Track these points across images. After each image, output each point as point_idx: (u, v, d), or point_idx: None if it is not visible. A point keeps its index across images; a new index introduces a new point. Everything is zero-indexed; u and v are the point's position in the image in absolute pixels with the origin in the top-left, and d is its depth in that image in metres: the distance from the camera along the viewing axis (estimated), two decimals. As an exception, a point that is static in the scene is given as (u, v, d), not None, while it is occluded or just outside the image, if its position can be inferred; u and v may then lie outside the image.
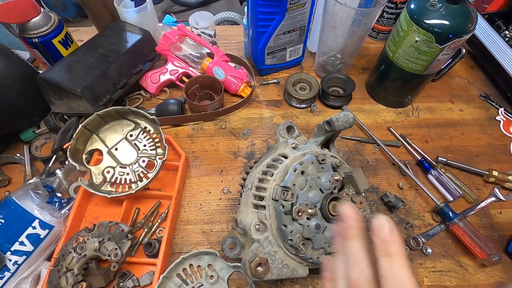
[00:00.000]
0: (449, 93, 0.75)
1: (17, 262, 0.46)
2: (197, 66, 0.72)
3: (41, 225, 0.48)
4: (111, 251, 0.45)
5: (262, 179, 0.42)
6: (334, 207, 0.39)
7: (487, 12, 0.80)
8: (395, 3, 0.75)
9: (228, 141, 0.65)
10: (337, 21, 0.61)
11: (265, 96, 0.73)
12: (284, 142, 0.47)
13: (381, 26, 0.82)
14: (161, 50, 0.70)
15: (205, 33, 0.75)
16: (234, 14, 1.81)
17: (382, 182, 0.60)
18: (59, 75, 0.57)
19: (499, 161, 0.64)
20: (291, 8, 0.61)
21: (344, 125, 0.43)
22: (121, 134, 0.57)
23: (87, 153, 0.56)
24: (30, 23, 0.59)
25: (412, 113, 0.71)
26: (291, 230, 0.37)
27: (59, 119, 0.62)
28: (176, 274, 0.48)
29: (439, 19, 0.51)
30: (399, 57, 0.60)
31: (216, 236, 0.53)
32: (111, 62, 0.61)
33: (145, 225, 0.53)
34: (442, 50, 0.54)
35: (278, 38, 0.66)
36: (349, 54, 0.70)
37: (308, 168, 0.40)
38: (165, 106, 0.65)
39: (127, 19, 0.69)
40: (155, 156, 0.55)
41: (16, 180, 0.58)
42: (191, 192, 0.58)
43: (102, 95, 0.60)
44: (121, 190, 0.53)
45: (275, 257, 0.39)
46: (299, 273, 0.40)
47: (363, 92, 0.74)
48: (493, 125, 0.70)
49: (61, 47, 0.64)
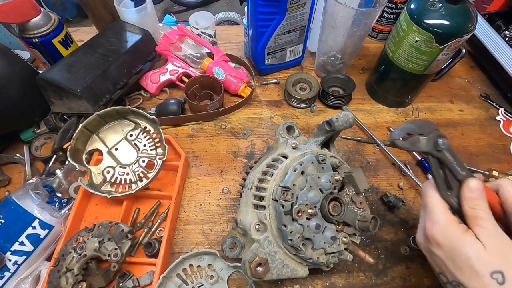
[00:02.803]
0: (449, 93, 0.75)
1: (17, 262, 0.46)
2: (197, 66, 0.72)
3: (41, 225, 0.48)
4: (111, 251, 0.45)
5: (262, 179, 0.42)
6: (334, 207, 0.39)
7: (487, 12, 0.80)
8: (395, 3, 0.75)
9: (228, 141, 0.65)
10: (337, 21, 0.61)
11: (265, 96, 0.73)
12: (284, 142, 0.47)
13: (381, 26, 0.82)
14: (161, 50, 0.70)
15: (205, 33, 0.75)
16: (234, 14, 1.81)
17: (382, 182, 0.60)
18: (59, 75, 0.57)
19: (499, 161, 0.64)
20: (291, 8, 0.61)
21: (344, 125, 0.43)
22: (121, 134, 0.57)
23: (87, 153, 0.56)
24: (30, 23, 0.59)
25: (412, 113, 0.71)
26: (291, 230, 0.37)
27: (59, 119, 0.62)
28: (176, 274, 0.48)
29: (439, 19, 0.51)
30: (399, 57, 0.60)
31: (216, 236, 0.53)
32: (111, 62, 0.61)
33: (145, 225, 0.53)
34: (442, 50, 0.54)
35: (278, 38, 0.66)
36: (349, 54, 0.70)
37: (308, 168, 0.40)
38: (165, 106, 0.65)
39: (127, 19, 0.69)
40: (155, 156, 0.56)
41: (16, 180, 0.58)
42: (191, 192, 0.58)
43: (102, 95, 0.60)
44: (121, 190, 0.53)
45: (275, 257, 0.39)
46: (299, 273, 0.40)
47: (363, 92, 0.74)
48: (493, 125, 0.70)
49: (61, 47, 0.64)
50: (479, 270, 0.30)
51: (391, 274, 0.50)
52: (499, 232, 0.32)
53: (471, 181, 0.34)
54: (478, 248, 0.31)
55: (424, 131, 0.35)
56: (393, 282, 0.50)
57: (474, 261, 0.31)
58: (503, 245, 0.31)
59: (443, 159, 0.35)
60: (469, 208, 0.34)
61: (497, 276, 0.30)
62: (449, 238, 0.33)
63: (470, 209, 0.34)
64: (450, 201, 0.35)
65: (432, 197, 0.36)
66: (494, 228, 0.32)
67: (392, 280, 0.50)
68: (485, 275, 0.30)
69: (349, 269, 0.51)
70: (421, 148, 0.35)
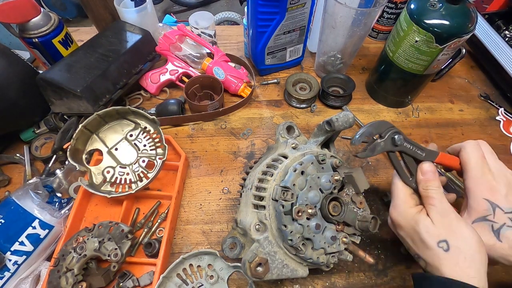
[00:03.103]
0: (449, 93, 0.75)
1: (17, 262, 0.46)
2: (197, 66, 0.72)
3: (41, 225, 0.48)
4: (111, 251, 0.45)
5: (262, 179, 0.42)
6: (334, 207, 0.39)
7: (487, 12, 0.80)
8: (395, 3, 0.75)
9: (228, 141, 0.65)
10: (337, 21, 0.61)
11: (265, 96, 0.73)
12: (284, 142, 0.47)
13: (381, 26, 0.82)
14: (161, 50, 0.70)
15: (205, 33, 0.75)
16: (234, 14, 1.81)
17: (382, 182, 0.60)
18: (59, 75, 0.57)
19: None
20: (291, 8, 0.61)
21: (344, 125, 0.42)
22: (121, 134, 0.57)
23: (87, 153, 0.56)
24: (30, 23, 0.59)
25: (412, 113, 0.71)
26: (291, 230, 0.37)
27: (59, 119, 0.62)
28: (176, 274, 0.48)
29: (439, 19, 0.51)
30: (399, 57, 0.60)
31: (216, 236, 0.53)
32: (111, 62, 0.61)
33: (145, 225, 0.53)
34: (442, 50, 0.54)
35: (278, 38, 0.66)
36: (349, 54, 0.70)
37: (308, 168, 0.40)
38: (165, 106, 0.65)
39: (127, 19, 0.69)
40: (155, 156, 0.56)
41: (16, 180, 0.58)
42: (191, 192, 0.58)
43: (102, 95, 0.60)
44: (121, 190, 0.53)
45: (275, 257, 0.39)
46: (299, 273, 0.40)
47: (363, 92, 0.74)
48: (493, 125, 0.70)
49: (61, 47, 0.64)
50: (428, 242, 0.35)
51: (391, 274, 0.50)
52: (445, 208, 0.37)
53: (423, 165, 0.40)
54: (428, 223, 0.36)
55: (381, 131, 0.39)
56: (393, 282, 0.50)
57: (424, 235, 0.36)
58: (447, 219, 0.36)
59: (404, 151, 0.39)
60: (422, 189, 0.39)
61: (442, 244, 0.35)
62: (407, 219, 0.38)
63: (423, 191, 0.39)
64: (412, 186, 0.40)
65: (395, 184, 0.41)
66: (441, 205, 0.37)
67: (392, 280, 0.50)
68: (433, 245, 0.35)
69: (349, 269, 0.51)
70: (382, 150, 0.39)
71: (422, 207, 0.39)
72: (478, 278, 0.32)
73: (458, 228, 0.35)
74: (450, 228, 0.35)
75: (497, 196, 0.38)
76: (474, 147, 0.41)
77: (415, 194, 0.41)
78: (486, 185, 0.39)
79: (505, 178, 0.39)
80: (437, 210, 0.37)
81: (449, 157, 0.42)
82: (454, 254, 0.34)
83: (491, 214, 0.37)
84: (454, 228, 0.35)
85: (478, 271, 0.33)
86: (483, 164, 0.40)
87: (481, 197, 0.38)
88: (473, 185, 0.39)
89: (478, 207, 0.38)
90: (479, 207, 0.38)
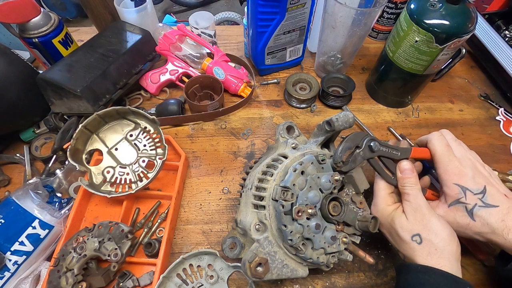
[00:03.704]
0: (449, 93, 0.75)
1: (17, 262, 0.46)
2: (197, 66, 0.72)
3: (41, 225, 0.48)
4: (111, 251, 0.45)
5: (262, 179, 0.42)
6: (334, 207, 0.39)
7: (487, 12, 0.80)
8: (395, 3, 0.75)
9: (228, 141, 0.65)
10: (337, 21, 0.61)
11: (265, 96, 0.73)
12: (284, 142, 0.47)
13: (381, 26, 0.82)
14: (161, 50, 0.70)
15: (205, 33, 0.75)
16: (234, 14, 1.81)
17: (382, 182, 0.60)
18: (59, 75, 0.57)
19: (499, 161, 0.64)
20: (291, 8, 0.61)
21: (344, 125, 0.43)
22: (121, 134, 0.57)
23: (87, 153, 0.56)
24: (30, 23, 0.59)
25: (412, 113, 0.71)
26: (291, 230, 0.37)
27: (59, 119, 0.62)
28: (176, 274, 0.48)
29: (439, 19, 0.51)
30: (399, 57, 0.60)
31: (216, 236, 0.53)
32: (111, 62, 0.61)
33: (145, 225, 0.53)
34: (442, 50, 0.54)
35: (278, 38, 0.66)
36: (349, 54, 0.70)
37: (308, 168, 0.40)
38: (165, 106, 0.65)
39: (127, 19, 0.69)
40: (155, 156, 0.56)
41: (16, 180, 0.58)
42: (191, 192, 0.58)
43: (102, 95, 0.60)
44: (121, 190, 0.53)
45: (275, 257, 0.39)
46: (299, 273, 0.40)
47: (363, 92, 0.74)
48: (493, 125, 0.70)
49: (61, 47, 0.64)
50: (403, 236, 0.39)
51: (391, 274, 0.50)
52: (419, 203, 0.40)
53: (401, 163, 0.43)
54: (402, 220, 0.39)
55: (358, 142, 0.41)
56: (393, 282, 0.50)
57: (400, 231, 0.39)
58: (419, 214, 0.39)
59: (382, 154, 0.42)
60: (400, 186, 0.42)
61: (416, 238, 0.38)
62: (385, 216, 0.42)
63: (401, 187, 0.42)
64: (395, 184, 0.43)
65: (377, 184, 0.44)
66: (415, 201, 0.40)
67: (392, 280, 0.50)
68: (408, 239, 0.38)
69: (349, 269, 0.51)
70: (362, 159, 0.41)
71: (399, 204, 0.42)
72: (449, 266, 0.36)
73: (430, 222, 0.38)
74: (422, 223, 0.38)
75: (465, 179, 0.40)
76: (439, 138, 0.44)
77: (394, 193, 0.44)
78: (454, 171, 0.41)
79: (470, 161, 0.42)
80: (411, 206, 0.40)
81: (420, 150, 0.45)
82: (426, 246, 0.37)
83: (463, 197, 0.40)
84: (426, 222, 0.38)
85: (448, 259, 0.36)
86: (448, 152, 0.42)
87: (452, 182, 0.41)
88: (443, 172, 0.42)
89: (451, 192, 0.41)
90: (452, 192, 0.41)
